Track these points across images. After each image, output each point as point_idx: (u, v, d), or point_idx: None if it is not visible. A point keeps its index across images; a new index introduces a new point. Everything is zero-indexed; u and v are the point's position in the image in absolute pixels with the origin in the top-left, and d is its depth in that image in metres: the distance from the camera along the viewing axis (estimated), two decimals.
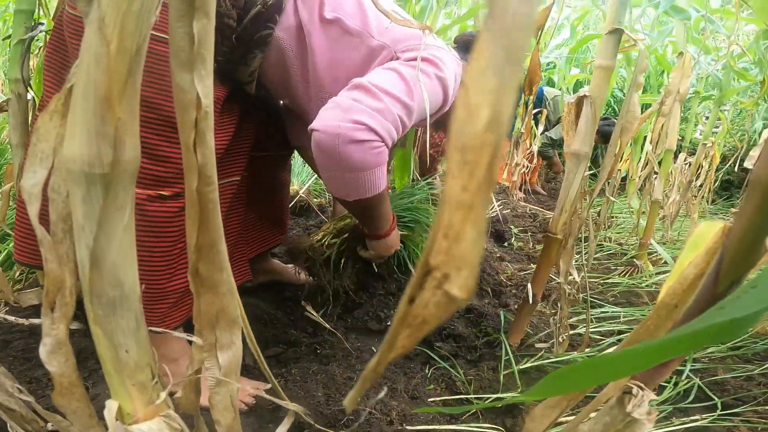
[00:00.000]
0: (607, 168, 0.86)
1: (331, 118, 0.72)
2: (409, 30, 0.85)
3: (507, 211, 2.24)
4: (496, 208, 1.89)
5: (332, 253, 1.05)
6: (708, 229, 0.29)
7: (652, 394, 0.36)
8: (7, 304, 1.08)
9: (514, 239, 1.88)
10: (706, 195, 2.88)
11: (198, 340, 0.31)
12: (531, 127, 2.73)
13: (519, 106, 2.32)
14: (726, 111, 2.99)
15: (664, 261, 1.69)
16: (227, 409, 0.39)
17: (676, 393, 0.96)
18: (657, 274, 1.63)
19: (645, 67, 0.94)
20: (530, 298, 0.94)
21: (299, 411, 0.46)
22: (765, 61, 2.04)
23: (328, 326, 1.10)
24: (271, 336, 1.09)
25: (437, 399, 0.93)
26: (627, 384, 0.35)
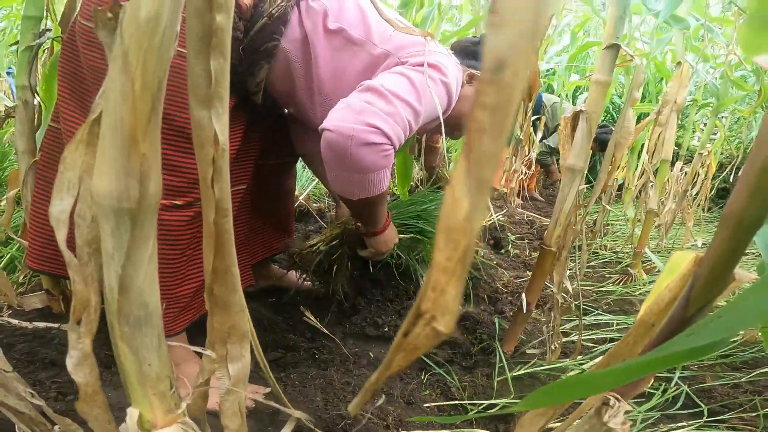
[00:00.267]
0: (601, 182, 0.89)
1: (343, 119, 0.73)
2: (411, 37, 0.88)
3: (504, 217, 2.27)
4: (493, 214, 1.91)
5: (322, 259, 1.07)
6: (683, 257, 0.31)
7: (627, 406, 0.38)
8: (10, 308, 1.10)
9: (510, 246, 1.91)
10: (702, 203, 2.91)
11: (212, 354, 0.33)
12: (530, 133, 2.76)
13: (518, 113, 2.35)
14: (724, 119, 3.02)
15: (658, 270, 1.72)
16: (235, 415, 0.41)
17: (665, 400, 0.98)
18: (651, 282, 1.65)
19: (641, 82, 0.97)
20: (524, 308, 0.96)
21: (301, 417, 0.48)
22: (762, 71, 2.07)
23: (327, 331, 1.12)
24: (271, 341, 1.11)
25: (432, 404, 0.95)
26: (606, 395, 0.38)
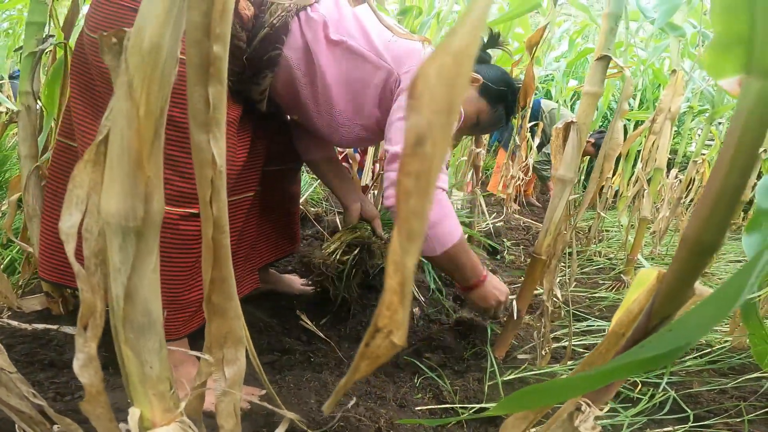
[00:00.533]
0: (590, 192, 0.92)
1: (393, 196, 0.84)
2: (409, 46, 0.91)
3: (501, 223, 2.29)
4: (489, 221, 1.94)
5: (347, 268, 1.10)
6: (649, 273, 0.34)
7: (598, 411, 0.40)
8: (10, 309, 1.11)
9: (506, 252, 1.93)
10: None
11: (209, 357, 0.35)
12: (527, 139, 2.79)
13: (515, 119, 2.37)
14: (720, 126, 3.05)
15: None
16: (230, 416, 0.43)
17: (652, 405, 1.01)
18: None
19: (630, 94, 0.99)
20: (515, 314, 0.99)
21: (294, 418, 0.51)
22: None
23: (322, 335, 1.14)
24: (266, 344, 1.13)
25: (424, 408, 0.97)
26: (578, 401, 0.40)
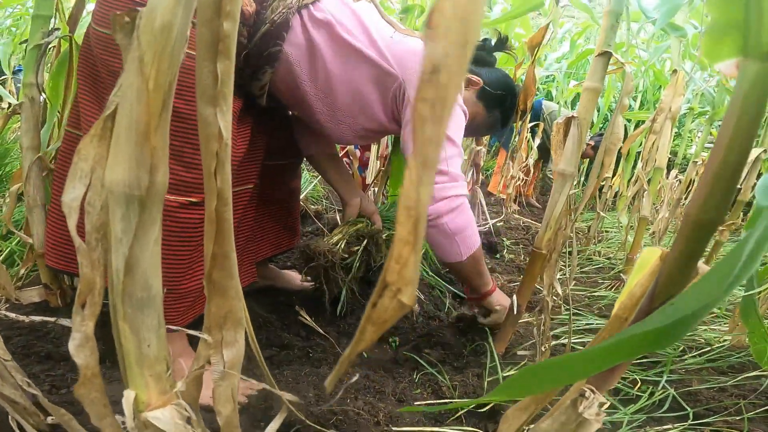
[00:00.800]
0: (590, 187, 0.91)
1: (433, 209, 0.92)
2: (410, 46, 0.91)
3: (500, 223, 2.29)
4: (489, 220, 1.94)
5: (356, 260, 1.10)
6: (652, 254, 0.33)
7: (602, 398, 0.40)
8: (8, 301, 1.11)
9: (506, 251, 1.93)
10: None
11: (208, 337, 0.35)
12: (528, 140, 2.79)
13: (515, 119, 2.38)
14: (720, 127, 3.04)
15: None
16: (228, 401, 0.43)
17: (651, 403, 1.00)
18: None
19: (630, 90, 0.99)
20: (515, 309, 0.98)
21: (292, 399, 0.50)
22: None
23: (321, 331, 1.13)
24: (265, 339, 1.13)
25: (423, 403, 0.96)
26: (582, 388, 0.40)
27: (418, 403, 0.96)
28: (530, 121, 2.70)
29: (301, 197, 1.76)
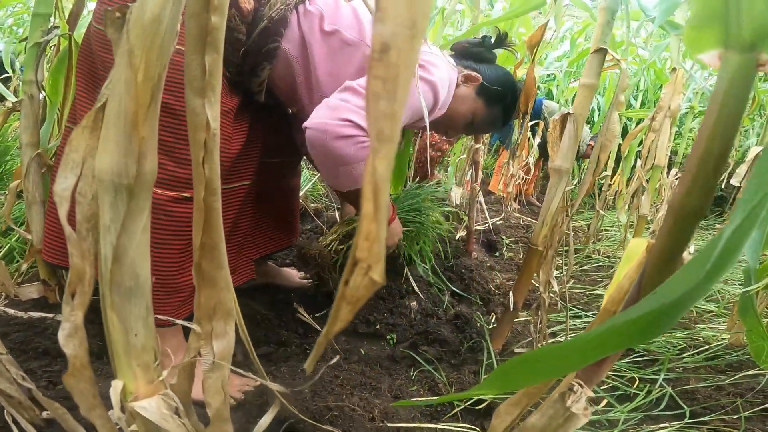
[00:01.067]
0: (585, 184, 0.92)
1: (320, 117, 0.80)
2: None
3: (500, 221, 2.29)
4: (488, 218, 1.94)
5: (340, 258, 1.10)
6: (639, 245, 0.34)
7: (590, 392, 0.40)
8: (7, 297, 1.12)
9: (505, 249, 1.93)
10: None
11: (197, 328, 0.35)
12: (528, 138, 2.78)
13: (516, 118, 2.38)
14: None
15: None
16: (218, 393, 0.43)
17: (648, 401, 1.00)
18: None
19: (626, 87, 1.00)
20: (511, 306, 0.98)
21: (281, 390, 0.50)
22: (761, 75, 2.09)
23: (319, 328, 1.14)
24: (263, 336, 1.13)
25: (419, 399, 0.97)
26: (570, 382, 0.40)
27: (414, 400, 0.96)
28: (530, 120, 2.70)
29: (300, 195, 1.76)
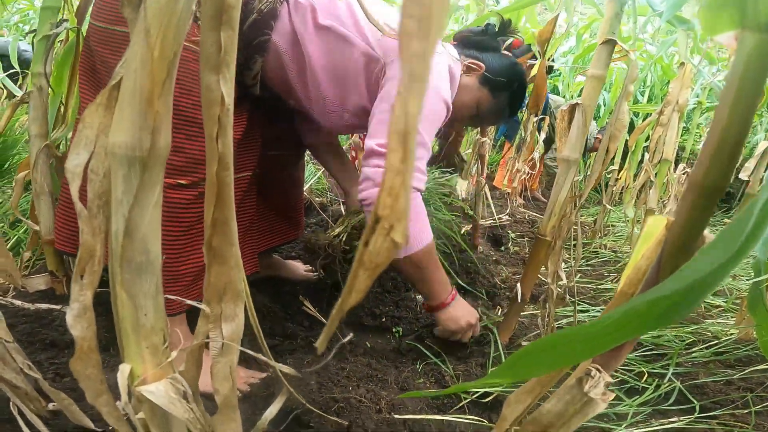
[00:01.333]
0: (595, 173, 0.91)
1: (365, 192, 0.84)
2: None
3: (506, 217, 2.28)
4: (494, 213, 1.93)
5: (346, 249, 1.09)
6: (657, 223, 0.33)
7: (608, 377, 0.39)
8: (14, 289, 1.12)
9: (510, 244, 1.92)
10: None
11: (206, 308, 0.35)
12: (534, 134, 2.76)
13: (522, 113, 2.36)
14: None
15: None
16: (226, 379, 0.42)
17: (657, 395, 0.99)
18: None
19: (635, 77, 0.98)
20: (519, 297, 0.98)
21: (290, 372, 0.50)
22: None
23: (325, 320, 1.13)
24: (268, 328, 1.13)
25: (427, 391, 0.96)
26: (587, 368, 0.39)
27: (420, 391, 0.96)
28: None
29: (305, 189, 1.76)
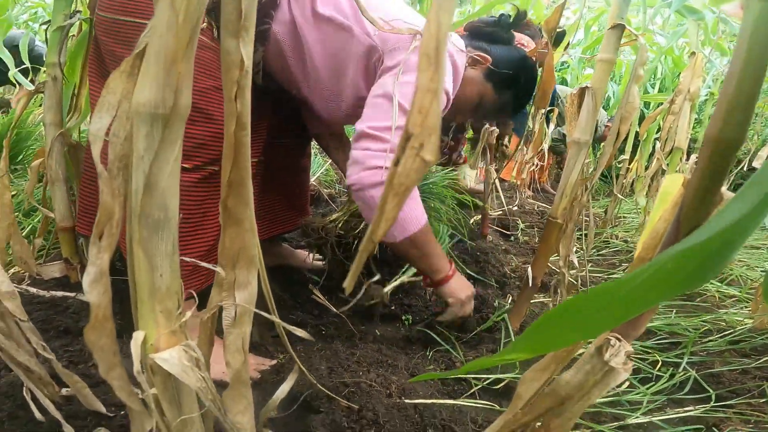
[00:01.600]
0: (606, 154, 0.90)
1: (351, 174, 0.83)
2: (401, 23, 0.89)
3: (515, 207, 2.27)
4: (504, 204, 1.92)
5: (342, 233, 1.09)
6: (674, 181, 0.32)
7: (629, 347, 0.39)
8: (30, 276, 1.14)
9: (520, 233, 1.91)
10: None
11: (221, 271, 0.35)
12: (542, 126, 2.74)
13: (530, 105, 2.33)
14: None
15: None
16: (238, 351, 0.43)
17: (672, 384, 0.98)
18: None
19: (645, 60, 0.97)
20: (530, 281, 0.97)
21: (302, 335, 0.50)
22: None
23: (334, 309, 1.14)
24: (278, 317, 1.14)
25: (438, 373, 0.96)
26: (606, 337, 0.38)
27: (431, 373, 0.96)
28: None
29: (314, 180, 1.76)
